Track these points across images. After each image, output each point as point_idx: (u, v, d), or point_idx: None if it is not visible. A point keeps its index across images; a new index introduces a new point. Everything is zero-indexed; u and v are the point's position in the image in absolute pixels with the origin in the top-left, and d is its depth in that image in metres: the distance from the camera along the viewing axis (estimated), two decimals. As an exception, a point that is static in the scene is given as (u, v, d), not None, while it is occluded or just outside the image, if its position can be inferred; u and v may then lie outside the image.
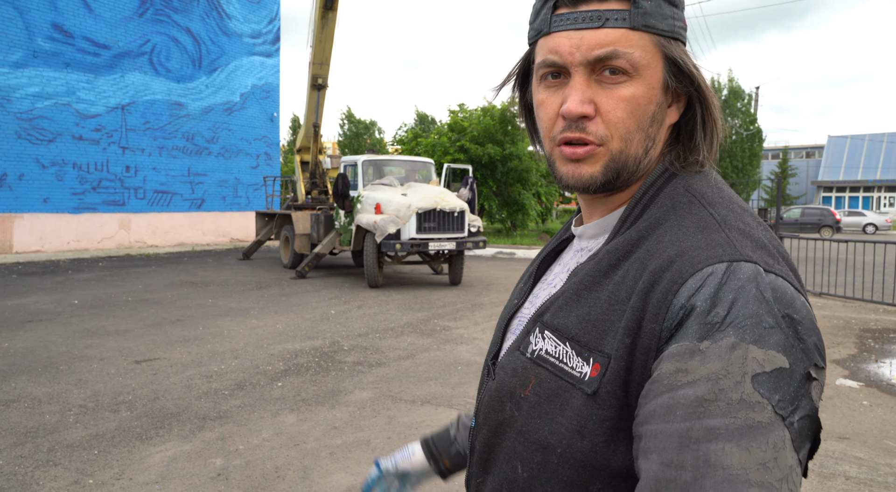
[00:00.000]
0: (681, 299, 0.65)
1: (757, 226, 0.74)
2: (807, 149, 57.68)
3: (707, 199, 0.75)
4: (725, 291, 0.64)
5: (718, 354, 0.62)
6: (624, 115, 0.74)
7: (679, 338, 0.64)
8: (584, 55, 0.74)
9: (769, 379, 0.61)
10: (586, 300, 0.74)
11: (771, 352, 0.62)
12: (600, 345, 0.70)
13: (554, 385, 0.73)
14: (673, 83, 0.77)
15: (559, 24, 0.76)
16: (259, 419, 4.42)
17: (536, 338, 0.78)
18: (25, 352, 6.16)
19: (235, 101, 21.08)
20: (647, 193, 0.78)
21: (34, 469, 3.58)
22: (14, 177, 15.65)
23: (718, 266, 0.66)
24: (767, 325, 0.62)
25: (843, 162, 49.42)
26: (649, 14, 0.74)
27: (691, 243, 0.69)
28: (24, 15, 15.73)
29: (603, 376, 0.69)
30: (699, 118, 0.79)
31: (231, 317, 8.09)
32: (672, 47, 0.76)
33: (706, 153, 0.80)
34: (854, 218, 34.61)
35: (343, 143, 44.46)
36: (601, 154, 0.76)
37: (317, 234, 12.62)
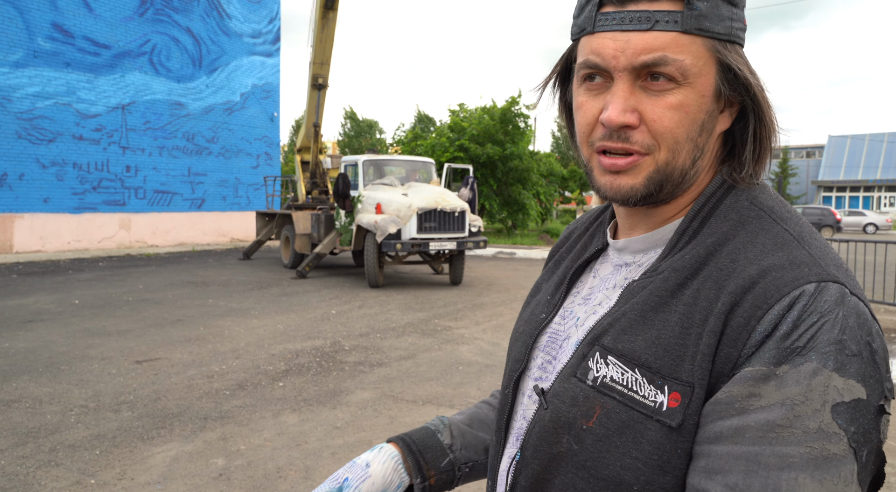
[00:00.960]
0: (766, 325, 0.61)
1: (827, 244, 0.70)
2: (807, 148, 57.67)
3: (777, 213, 0.71)
4: (811, 315, 0.60)
5: (797, 380, 0.58)
6: (672, 124, 0.69)
7: (755, 361, 0.61)
8: (629, 60, 0.68)
9: (847, 410, 0.58)
10: (653, 323, 0.69)
11: (851, 381, 0.59)
12: (676, 372, 0.65)
13: (625, 416, 0.67)
14: (726, 91, 0.71)
15: (604, 23, 0.70)
16: (260, 419, 4.42)
17: (598, 364, 0.72)
18: (26, 352, 6.16)
19: (236, 100, 21.08)
20: (707, 205, 0.73)
21: (36, 469, 3.58)
22: (14, 177, 15.65)
23: (808, 287, 0.62)
24: (850, 352, 0.59)
25: (844, 162, 49.42)
26: (704, 16, 0.68)
27: (773, 262, 0.65)
28: (25, 15, 15.73)
29: (687, 406, 0.64)
30: (751, 129, 0.73)
31: (232, 317, 8.09)
32: (728, 52, 0.70)
33: (759, 166, 0.75)
34: (854, 218, 34.63)
35: (343, 142, 44.47)
36: (645, 165, 0.71)
37: (317, 234, 12.62)
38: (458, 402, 4.83)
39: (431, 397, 4.96)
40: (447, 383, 5.31)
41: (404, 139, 25.81)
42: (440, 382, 5.36)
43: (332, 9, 13.02)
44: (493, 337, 7.10)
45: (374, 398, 4.90)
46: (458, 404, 4.79)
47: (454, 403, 4.81)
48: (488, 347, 6.60)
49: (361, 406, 4.72)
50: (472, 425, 1.03)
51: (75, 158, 16.87)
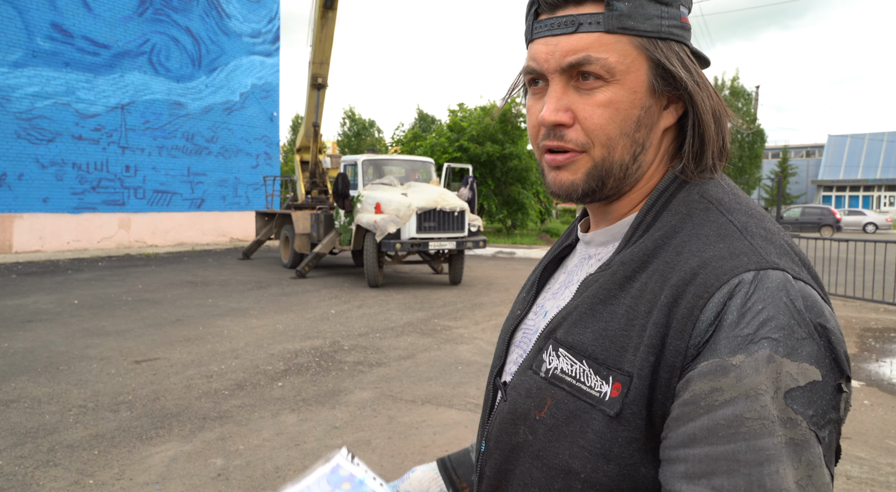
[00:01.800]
0: (708, 314, 0.63)
1: (778, 232, 0.71)
2: (807, 148, 57.69)
3: (725, 205, 0.73)
4: (755, 302, 0.61)
5: (755, 368, 0.59)
6: (602, 121, 0.72)
7: (708, 354, 0.62)
8: (557, 62, 0.72)
9: (803, 394, 0.59)
10: (602, 315, 0.71)
11: (804, 365, 0.60)
12: (619, 362, 0.67)
13: (572, 406, 0.70)
14: (660, 86, 0.73)
15: (539, 30, 0.75)
16: (259, 419, 4.41)
17: (550, 356, 0.74)
18: (25, 352, 6.16)
19: (235, 100, 21.08)
20: (660, 199, 0.75)
21: (34, 469, 3.57)
22: (14, 177, 15.65)
23: (745, 275, 0.63)
24: (800, 336, 0.60)
25: (844, 161, 49.42)
26: (627, 16, 0.71)
27: (714, 253, 0.66)
28: (24, 14, 15.72)
29: (626, 395, 0.66)
30: (690, 123, 0.75)
31: (231, 317, 8.08)
32: (658, 49, 0.72)
33: (714, 159, 0.75)
34: (854, 217, 34.63)
35: (343, 142, 44.46)
36: (583, 161, 0.74)
37: (317, 233, 12.62)
38: (458, 401, 4.83)
39: (431, 396, 4.95)
40: (446, 383, 5.30)
41: (404, 139, 25.82)
42: (439, 381, 5.36)
43: (331, 8, 13.02)
44: (493, 337, 7.09)
45: (373, 398, 4.89)
46: (458, 403, 4.78)
47: (453, 402, 4.80)
48: (487, 347, 6.59)
49: (360, 406, 4.71)
50: None
51: (74, 158, 16.87)
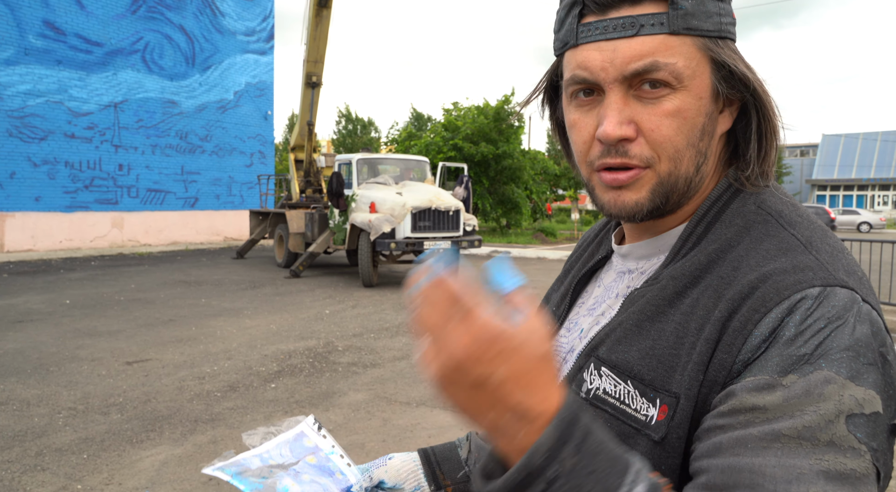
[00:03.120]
0: (763, 329, 0.57)
1: (843, 249, 0.66)
2: (801, 147, 57.90)
3: (786, 217, 0.67)
4: (817, 319, 0.56)
5: (807, 390, 0.53)
6: (670, 132, 0.65)
7: (756, 370, 0.56)
8: (618, 70, 0.65)
9: (867, 423, 0.53)
10: (649, 333, 0.66)
11: (871, 392, 0.53)
12: (667, 384, 0.62)
13: (616, 430, 0.65)
14: (724, 89, 0.68)
15: (587, 34, 0.67)
16: (252, 422, 4.36)
17: (592, 375, 0.69)
18: (15, 353, 6.08)
19: (229, 99, 20.98)
20: (712, 209, 0.70)
21: (21, 474, 3.51)
22: (5, 175, 15.52)
23: (811, 290, 0.57)
24: (865, 361, 0.54)
25: (838, 160, 49.61)
26: (691, 14, 0.65)
27: (775, 267, 0.61)
28: (16, 12, 15.59)
29: (671, 419, 0.60)
30: (754, 126, 0.70)
31: (224, 317, 8.02)
32: (720, 49, 0.67)
33: (765, 163, 0.71)
34: (848, 217, 34.75)
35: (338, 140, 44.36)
36: (647, 178, 0.67)
37: (311, 232, 12.56)
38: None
39: (425, 398, 4.91)
40: (441, 384, 5.26)
41: (398, 138, 25.76)
42: (434, 383, 5.31)
43: (325, 7, 12.95)
44: (488, 337, 7.04)
45: (367, 400, 4.84)
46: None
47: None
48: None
49: (354, 408, 4.66)
50: None
51: (67, 157, 16.75)
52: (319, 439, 0.90)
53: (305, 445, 0.89)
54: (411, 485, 0.95)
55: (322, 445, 0.89)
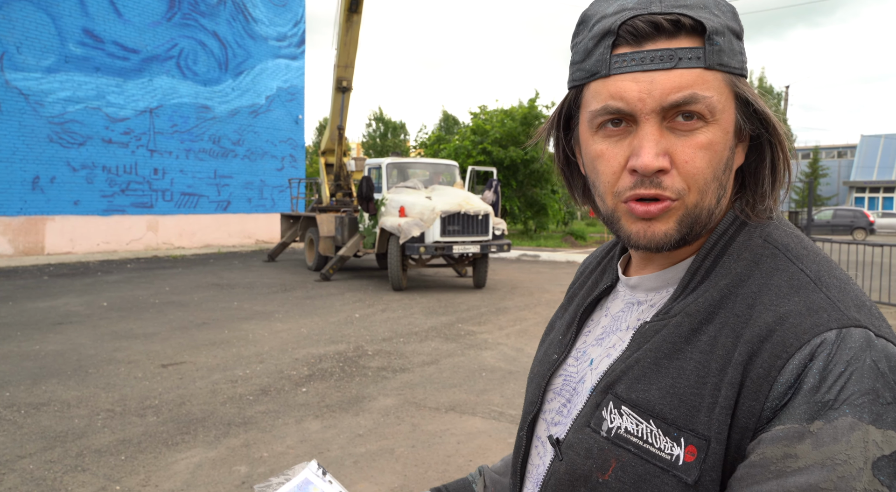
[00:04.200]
0: (787, 376, 0.59)
1: (848, 280, 0.67)
2: (838, 148, 56.58)
3: (792, 251, 0.69)
4: (836, 364, 0.58)
5: (834, 437, 0.56)
6: (703, 164, 0.67)
7: (785, 419, 0.58)
8: (657, 101, 0.65)
9: (889, 464, 0.55)
10: (668, 371, 0.67)
11: (889, 432, 0.56)
12: (692, 423, 0.63)
13: (640, 469, 0.65)
14: (746, 126, 0.70)
15: (622, 65, 0.67)
16: (283, 426, 4.42)
17: (612, 414, 0.70)
18: (56, 355, 6.26)
19: (261, 103, 21.27)
20: (719, 243, 0.71)
21: (63, 474, 3.61)
22: (46, 180, 15.97)
23: (828, 335, 0.59)
24: (885, 401, 0.57)
25: (877, 161, 48.34)
26: (723, 51, 0.67)
27: (790, 308, 0.62)
28: (57, 21, 16.04)
29: (703, 461, 0.62)
30: (769, 161, 0.72)
31: (256, 320, 8.14)
32: (742, 86, 0.69)
33: (776, 199, 0.73)
34: (888, 219, 33.82)
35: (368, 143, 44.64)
36: (676, 209, 0.68)
37: (341, 236, 12.67)
38: (482, 409, 4.79)
39: (454, 404, 4.92)
40: (470, 390, 5.27)
41: (427, 142, 25.83)
42: (463, 388, 5.32)
43: (356, 12, 13.06)
44: (517, 342, 7.04)
45: (396, 405, 4.88)
46: (481, 411, 4.75)
47: (477, 410, 4.77)
48: (512, 353, 6.54)
49: (384, 413, 4.70)
50: (505, 474, 1.04)
51: (104, 161, 17.16)
52: (325, 486, 0.90)
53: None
54: None
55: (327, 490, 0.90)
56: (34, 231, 15.76)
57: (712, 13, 0.67)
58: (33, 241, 15.76)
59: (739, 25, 0.70)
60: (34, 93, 15.68)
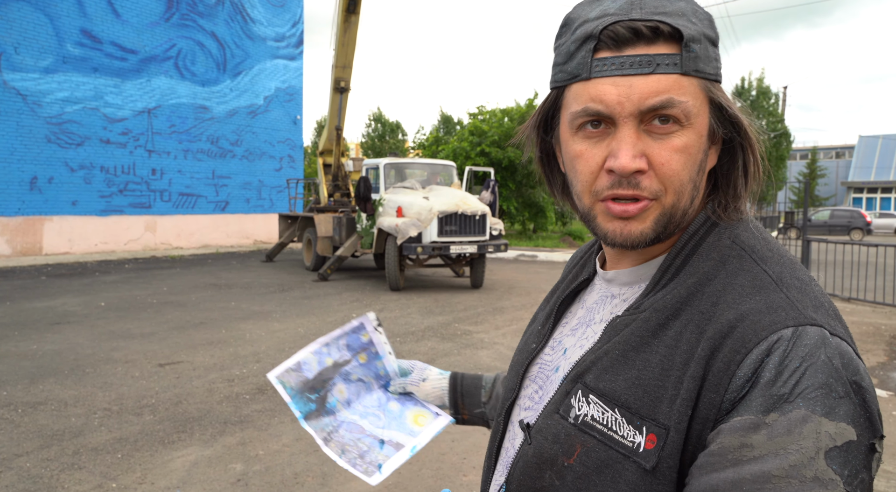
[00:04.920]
0: (745, 370, 0.62)
1: (811, 281, 0.70)
2: (836, 149, 56.66)
3: (758, 253, 0.72)
4: (792, 360, 0.61)
5: (788, 428, 0.59)
6: (678, 167, 0.70)
7: (743, 410, 0.61)
8: (635, 105, 0.68)
9: (840, 454, 0.58)
10: (634, 363, 0.70)
11: (842, 424, 0.59)
12: (654, 413, 0.66)
13: (603, 455, 0.69)
14: (719, 129, 0.73)
15: (602, 69, 0.69)
16: (279, 424, 4.44)
17: (580, 402, 0.73)
18: (53, 354, 6.28)
19: (259, 103, 21.30)
20: (690, 242, 0.74)
21: (60, 472, 3.64)
22: (44, 180, 15.98)
23: (784, 332, 0.62)
24: (838, 395, 0.60)
25: (875, 162, 48.42)
26: (699, 58, 0.70)
27: (751, 306, 0.65)
28: (55, 21, 16.05)
29: (662, 449, 0.65)
30: (741, 164, 0.75)
31: (253, 320, 8.16)
32: (717, 91, 0.72)
33: (745, 200, 0.76)
34: (885, 220, 33.92)
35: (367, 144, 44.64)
36: (653, 209, 0.71)
37: (339, 236, 12.69)
38: (477, 408, 4.81)
39: (450, 403, 4.94)
40: (466, 389, 5.29)
41: (425, 142, 25.85)
42: (459, 387, 5.34)
43: (353, 13, 13.09)
44: (513, 341, 7.06)
45: (392, 404, 4.90)
46: (477, 410, 4.77)
47: (472, 409, 4.79)
48: (508, 352, 6.57)
49: (380, 412, 4.72)
50: None
51: (102, 162, 17.17)
52: (375, 334, 1.06)
53: (362, 339, 1.06)
54: (435, 404, 1.11)
55: (375, 340, 1.06)
56: (32, 231, 15.77)
57: (690, 21, 0.70)
58: (31, 241, 15.77)
59: (715, 33, 0.73)
60: (32, 93, 15.69)
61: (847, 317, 8.73)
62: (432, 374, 1.12)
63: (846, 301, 10.13)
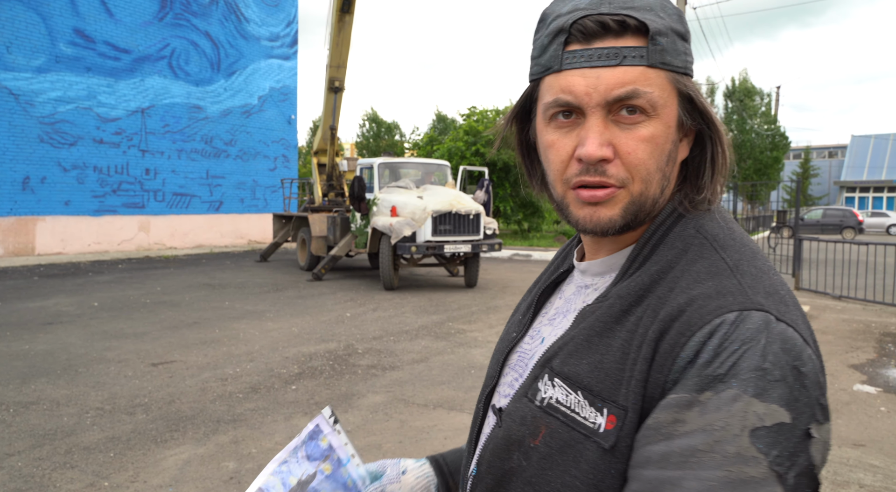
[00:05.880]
0: (688, 352, 0.64)
1: (769, 270, 0.72)
2: (829, 148, 56.95)
3: (719, 241, 0.74)
4: (732, 342, 0.63)
5: (718, 406, 0.61)
6: (644, 156, 0.72)
7: (679, 388, 0.63)
8: (602, 95, 0.70)
9: (768, 434, 0.60)
10: (598, 347, 0.72)
11: (773, 406, 0.60)
12: (614, 395, 0.68)
13: (566, 436, 0.71)
14: (688, 121, 0.75)
15: (572, 61, 0.72)
16: (272, 423, 4.45)
17: (546, 385, 0.75)
18: (45, 354, 6.26)
19: (253, 103, 21.27)
20: (657, 232, 0.76)
21: (51, 471, 3.64)
22: (36, 180, 15.92)
23: (728, 316, 0.64)
24: (773, 378, 0.61)
25: (867, 162, 48.67)
26: (666, 51, 0.72)
27: (701, 291, 0.67)
28: (47, 20, 16.00)
29: (620, 429, 0.67)
30: (709, 155, 0.77)
31: (247, 319, 8.16)
32: (686, 83, 0.74)
33: (715, 191, 0.77)
34: (877, 219, 34.09)
35: (362, 143, 44.61)
36: (621, 197, 0.73)
37: (333, 236, 12.69)
38: (469, 406, 4.83)
39: (443, 400, 4.96)
40: (458, 387, 5.31)
41: (420, 142, 25.86)
42: (452, 385, 5.36)
43: (348, 12, 13.08)
44: (507, 341, 7.08)
45: (385, 402, 4.91)
46: (469, 408, 4.79)
47: (465, 407, 4.81)
48: (501, 351, 6.58)
49: (373, 410, 4.74)
50: None
51: (96, 162, 17.12)
52: (333, 436, 0.94)
53: (321, 446, 0.93)
54: None
55: (335, 443, 0.93)
56: (24, 231, 15.71)
57: (658, 15, 0.72)
58: (24, 241, 15.71)
59: (685, 28, 0.75)
60: (24, 93, 15.63)
61: (838, 315, 8.79)
62: (409, 464, 1.00)
63: (837, 299, 10.19)
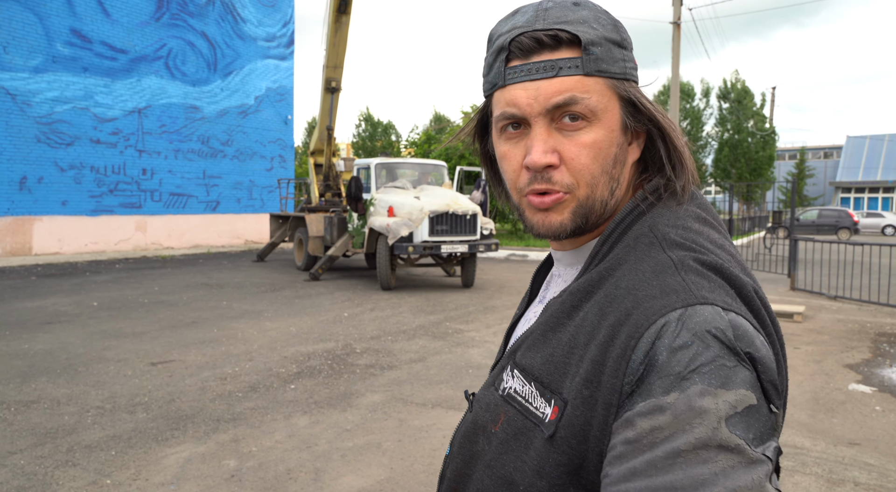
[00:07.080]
0: (639, 354, 0.65)
1: (720, 264, 0.72)
2: (824, 149, 57.10)
3: (669, 239, 0.75)
4: (682, 339, 0.64)
5: (688, 405, 0.61)
6: (588, 160, 0.75)
7: (644, 395, 0.64)
8: (542, 105, 0.74)
9: (741, 419, 0.61)
10: (550, 341, 0.76)
11: (740, 391, 0.62)
12: (559, 387, 0.72)
13: (520, 424, 0.75)
14: (631, 123, 0.78)
15: (514, 76, 0.76)
16: (272, 421, 4.49)
17: (508, 376, 0.80)
18: (45, 354, 6.28)
19: (250, 103, 21.28)
20: (616, 230, 0.78)
21: (54, 469, 3.67)
22: (34, 180, 15.91)
23: (672, 314, 0.66)
24: (731, 365, 0.63)
25: (862, 162, 48.84)
26: (601, 59, 0.75)
27: (646, 292, 0.69)
28: (44, 21, 15.99)
29: (559, 420, 0.70)
30: (664, 153, 0.80)
31: (245, 319, 8.18)
32: (627, 88, 0.77)
33: (685, 182, 0.80)
34: (872, 219, 34.22)
35: (358, 144, 44.61)
36: (568, 201, 0.76)
37: (330, 236, 12.71)
38: (466, 405, 4.87)
39: (441, 400, 5.01)
40: (456, 386, 5.35)
41: (418, 141, 25.89)
42: (449, 385, 5.40)
43: (345, 13, 13.11)
44: (504, 340, 7.12)
45: (383, 401, 4.95)
46: (466, 407, 4.82)
47: (463, 406, 4.85)
48: (499, 350, 6.62)
49: (371, 409, 4.78)
50: None
51: (93, 162, 17.12)
52: None
53: None
54: None
55: None
56: (22, 231, 15.71)
57: (591, 27, 0.76)
58: (21, 241, 15.70)
59: (621, 37, 0.78)
60: (21, 93, 15.63)
61: (833, 315, 8.85)
62: None
63: (833, 300, 10.26)
